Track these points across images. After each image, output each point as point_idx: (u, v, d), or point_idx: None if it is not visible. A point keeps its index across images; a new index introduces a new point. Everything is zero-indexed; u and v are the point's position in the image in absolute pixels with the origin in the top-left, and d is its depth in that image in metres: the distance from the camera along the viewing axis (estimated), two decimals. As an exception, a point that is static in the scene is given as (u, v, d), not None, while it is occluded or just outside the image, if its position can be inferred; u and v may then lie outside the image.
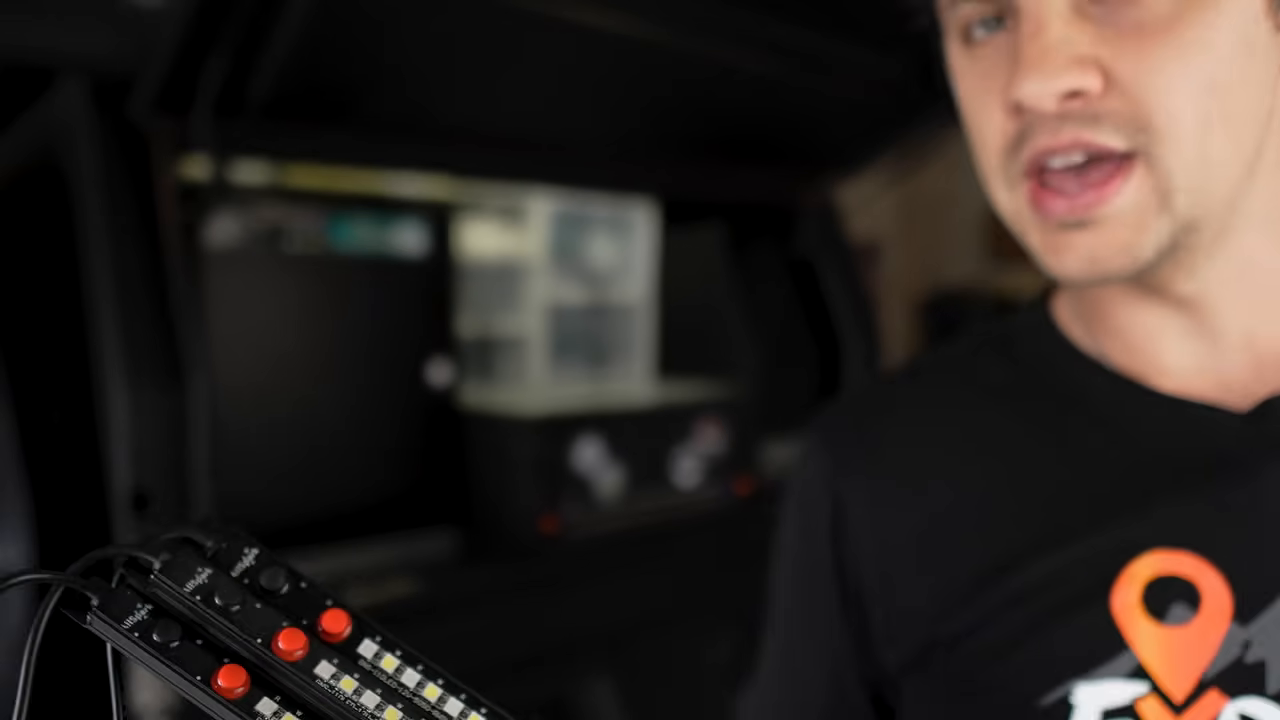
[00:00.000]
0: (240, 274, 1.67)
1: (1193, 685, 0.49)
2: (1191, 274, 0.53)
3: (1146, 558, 0.51)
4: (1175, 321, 0.55)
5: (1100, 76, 0.47)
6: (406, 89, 1.66)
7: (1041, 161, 0.49)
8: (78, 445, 1.53)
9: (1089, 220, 0.49)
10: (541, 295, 2.26)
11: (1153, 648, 0.50)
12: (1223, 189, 0.49)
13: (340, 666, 0.40)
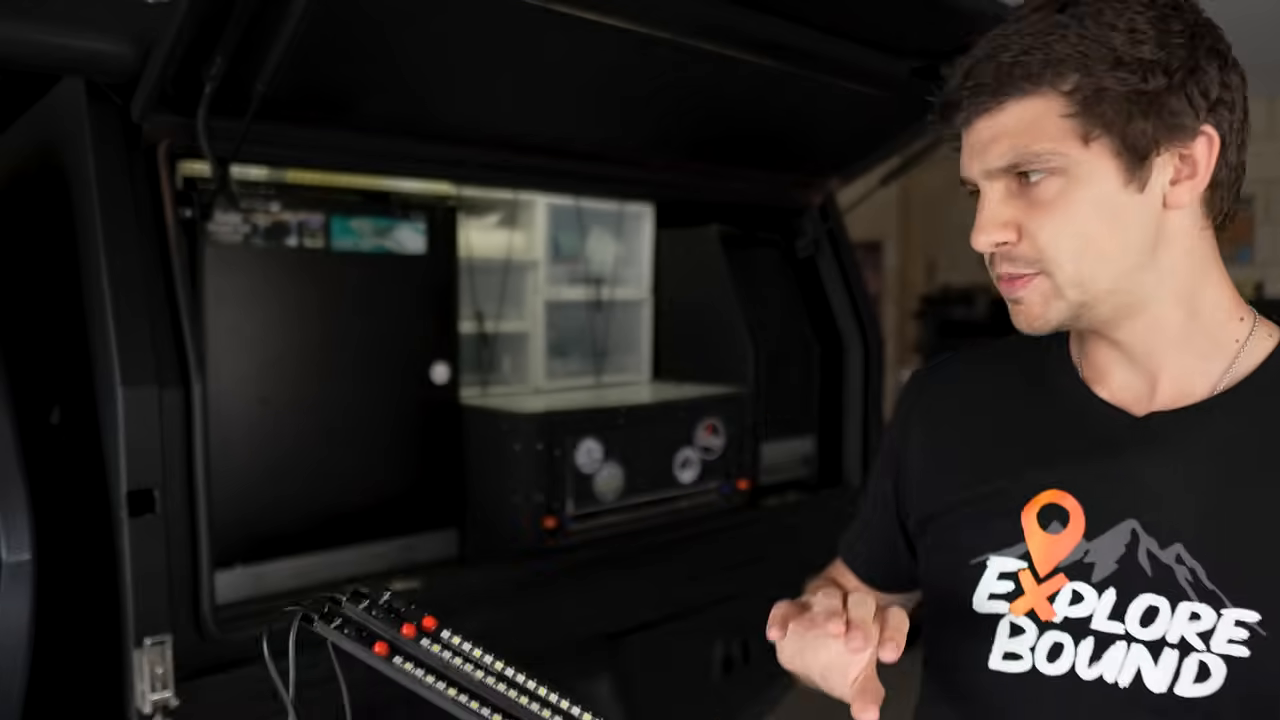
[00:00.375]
0: (240, 272, 1.67)
1: (1051, 568, 0.84)
2: (1119, 328, 0.84)
3: (1046, 493, 0.86)
4: (1115, 355, 0.86)
5: (1016, 232, 0.81)
6: (406, 90, 1.66)
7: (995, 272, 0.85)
8: (78, 444, 1.53)
9: (1017, 300, 0.85)
10: (542, 293, 2.26)
11: (1036, 544, 0.85)
12: (1100, 287, 0.80)
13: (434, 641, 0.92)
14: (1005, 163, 0.80)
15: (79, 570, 1.51)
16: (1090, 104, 0.76)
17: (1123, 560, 0.81)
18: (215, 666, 1.49)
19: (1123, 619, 0.80)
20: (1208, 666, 0.77)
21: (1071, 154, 0.77)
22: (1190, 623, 0.78)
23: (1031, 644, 0.84)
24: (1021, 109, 0.78)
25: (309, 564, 1.77)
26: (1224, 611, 0.77)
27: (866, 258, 5.48)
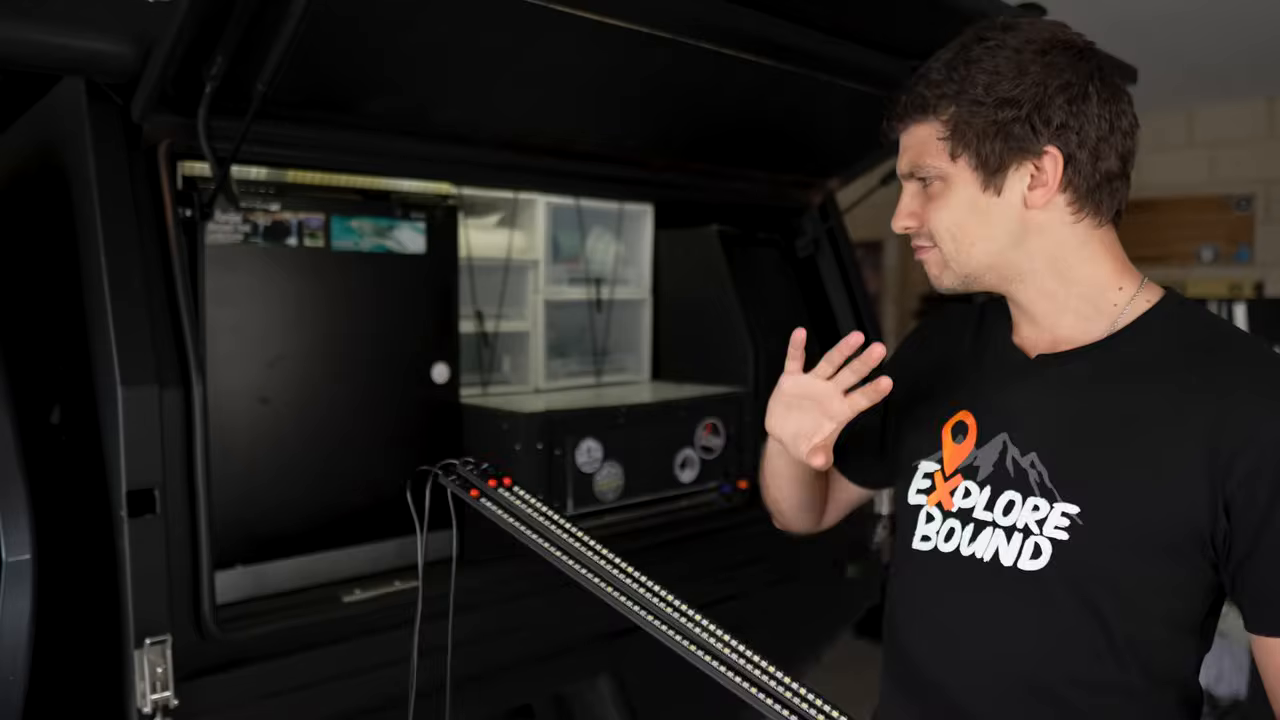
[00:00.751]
0: (240, 272, 1.67)
1: (953, 469, 1.10)
2: (1013, 293, 1.09)
3: (958, 413, 1.12)
4: (1020, 314, 1.11)
5: (919, 220, 1.09)
6: (406, 91, 1.66)
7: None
8: (78, 444, 1.53)
9: (924, 262, 1.12)
10: (542, 293, 2.27)
11: (947, 451, 1.12)
12: (975, 263, 1.07)
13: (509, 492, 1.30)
14: (907, 170, 1.10)
15: (79, 570, 1.51)
16: (956, 130, 1.03)
17: (996, 464, 1.07)
18: (215, 666, 1.49)
19: (992, 509, 1.05)
20: (1040, 547, 1.01)
21: (944, 166, 1.05)
22: (1033, 513, 1.02)
23: (938, 529, 1.10)
24: (917, 131, 1.08)
25: (309, 564, 1.77)
26: (1055, 505, 1.00)
27: (866, 258, 5.48)
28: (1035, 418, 1.05)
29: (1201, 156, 4.47)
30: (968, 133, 1.02)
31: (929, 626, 1.10)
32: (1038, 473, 1.02)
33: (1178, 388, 0.97)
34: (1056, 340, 1.07)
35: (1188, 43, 3.35)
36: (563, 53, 1.62)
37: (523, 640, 1.89)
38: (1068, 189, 1.03)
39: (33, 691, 1.35)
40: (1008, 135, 1.01)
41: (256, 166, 1.69)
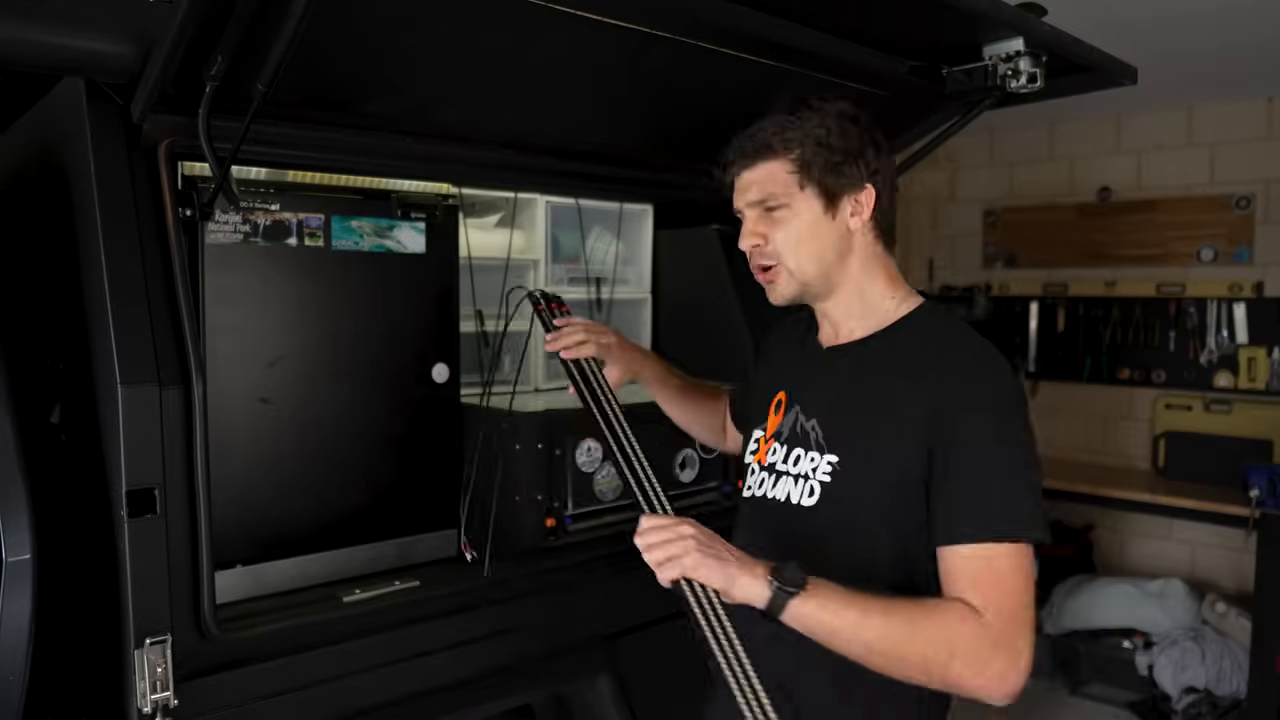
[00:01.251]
0: (241, 271, 1.67)
1: (769, 434, 1.45)
2: (826, 303, 1.41)
3: (779, 393, 1.46)
4: (824, 318, 1.44)
5: (763, 240, 1.37)
6: (406, 90, 1.66)
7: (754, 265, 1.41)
8: (78, 444, 1.53)
9: (769, 282, 1.40)
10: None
11: (770, 421, 1.46)
12: (812, 277, 1.36)
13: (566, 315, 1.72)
14: (756, 199, 1.37)
15: (79, 570, 1.51)
16: (804, 166, 1.34)
17: (791, 429, 1.41)
18: (215, 666, 1.49)
19: (787, 462, 1.39)
20: (814, 488, 1.34)
21: (793, 195, 1.35)
22: (810, 463, 1.35)
23: (756, 479, 1.45)
24: (765, 168, 1.37)
25: (309, 564, 1.77)
26: (824, 456, 1.34)
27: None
28: (817, 393, 1.40)
29: (1201, 156, 4.47)
30: (813, 169, 1.33)
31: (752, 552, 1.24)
32: (815, 434, 1.36)
33: (909, 372, 1.29)
34: (840, 335, 1.41)
35: (1188, 43, 3.34)
36: (563, 53, 1.62)
37: (523, 640, 1.89)
38: (874, 218, 1.36)
39: (33, 691, 1.35)
40: (841, 173, 1.33)
41: (256, 166, 1.69)
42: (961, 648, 1.13)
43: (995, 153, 5.17)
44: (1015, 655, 1.14)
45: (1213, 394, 4.44)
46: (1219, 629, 4.01)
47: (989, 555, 1.17)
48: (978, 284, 5.23)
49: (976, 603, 1.16)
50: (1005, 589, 1.16)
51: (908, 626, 1.14)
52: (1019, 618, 1.16)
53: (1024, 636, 1.15)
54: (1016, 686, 1.14)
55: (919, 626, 1.15)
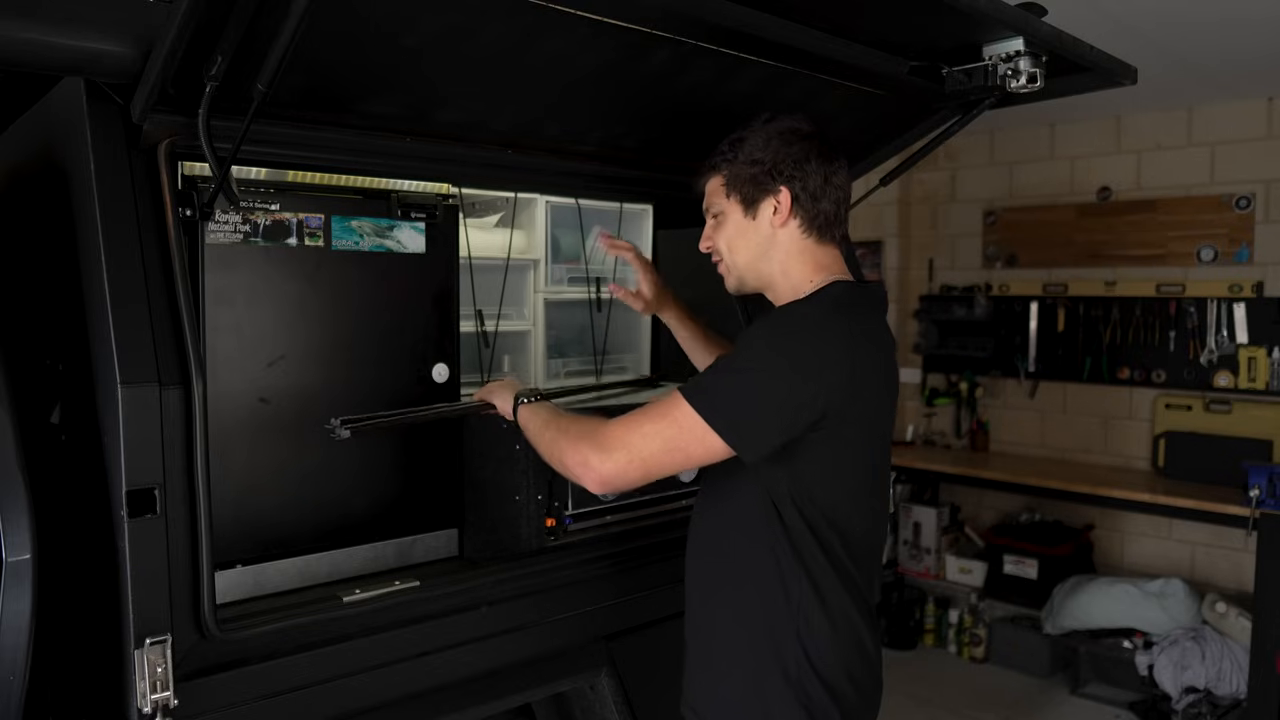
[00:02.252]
0: (241, 271, 1.67)
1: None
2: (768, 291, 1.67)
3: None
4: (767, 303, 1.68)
5: (713, 242, 1.71)
6: (406, 90, 1.66)
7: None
8: (78, 444, 1.53)
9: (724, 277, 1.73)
10: (542, 293, 2.26)
11: None
12: (743, 270, 1.67)
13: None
14: (706, 207, 1.70)
15: (79, 570, 1.51)
16: (729, 180, 1.64)
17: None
18: (215, 666, 1.49)
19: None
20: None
21: (724, 204, 1.66)
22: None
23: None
24: (711, 182, 1.68)
25: (309, 564, 1.77)
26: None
27: (866, 258, 5.48)
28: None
29: (1201, 156, 4.47)
30: (735, 180, 1.62)
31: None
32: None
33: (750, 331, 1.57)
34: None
35: (1188, 43, 3.34)
36: (562, 53, 1.62)
37: (523, 640, 1.89)
38: (799, 216, 1.60)
39: (33, 691, 1.35)
40: (755, 181, 1.60)
41: (256, 166, 1.69)
42: (572, 434, 1.51)
43: (995, 153, 5.17)
44: (605, 453, 1.45)
45: (1213, 394, 4.44)
46: (1219, 629, 4.01)
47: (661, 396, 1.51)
48: (978, 284, 5.23)
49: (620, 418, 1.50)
50: (644, 416, 1.48)
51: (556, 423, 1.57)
52: (630, 437, 1.46)
53: (625, 452, 1.45)
54: (599, 475, 1.46)
55: (563, 423, 1.56)
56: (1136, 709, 4.12)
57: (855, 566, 1.55)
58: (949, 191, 5.38)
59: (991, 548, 4.88)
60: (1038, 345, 5.00)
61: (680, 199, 2.41)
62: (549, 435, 1.56)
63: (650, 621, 2.08)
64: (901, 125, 2.20)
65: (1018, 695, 4.36)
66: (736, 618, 1.56)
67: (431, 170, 1.91)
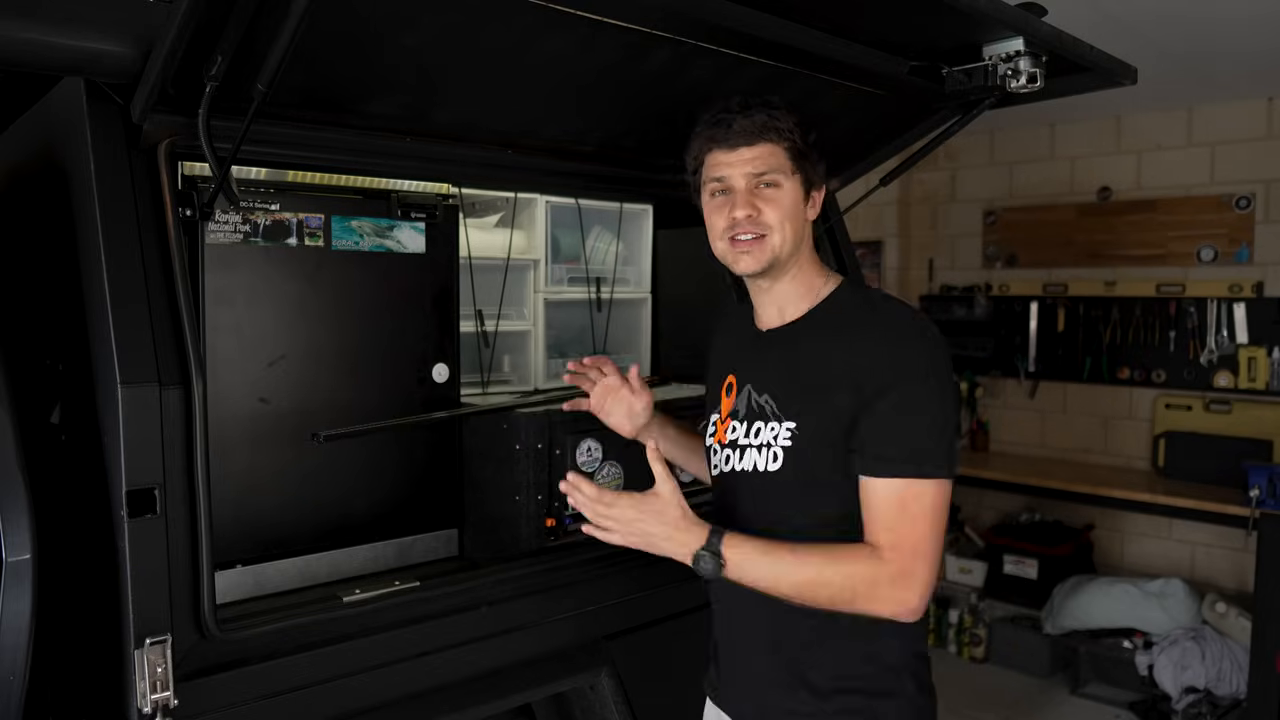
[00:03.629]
0: (241, 271, 1.67)
1: (725, 414, 1.63)
2: (779, 281, 1.57)
3: (728, 375, 1.65)
4: (765, 299, 1.61)
5: (757, 211, 1.52)
6: (406, 90, 1.66)
7: (735, 235, 1.54)
8: (78, 444, 1.53)
9: (749, 252, 1.53)
10: (542, 293, 2.26)
11: (723, 404, 1.65)
12: (787, 253, 1.53)
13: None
14: (761, 169, 1.52)
15: (79, 570, 1.51)
16: (796, 155, 1.53)
17: (746, 405, 1.57)
18: (215, 666, 1.49)
19: (749, 436, 1.55)
20: (777, 454, 1.50)
21: (787, 177, 1.53)
22: (770, 433, 1.51)
23: (720, 458, 1.61)
24: (766, 147, 1.52)
25: (309, 564, 1.77)
26: (783, 424, 1.50)
27: (866, 258, 5.48)
28: (765, 371, 1.56)
29: (1201, 156, 4.47)
30: (803, 160, 1.53)
31: (727, 523, 1.48)
32: (770, 406, 1.53)
33: (840, 338, 1.49)
34: (779, 316, 1.58)
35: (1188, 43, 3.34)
36: (562, 53, 1.62)
37: (523, 640, 1.89)
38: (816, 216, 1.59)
39: (33, 691, 1.35)
40: (814, 170, 1.56)
41: (256, 166, 1.69)
42: (862, 589, 1.37)
43: (995, 153, 5.17)
44: (914, 583, 1.36)
45: (1213, 394, 4.44)
46: (1219, 629, 4.01)
47: (902, 492, 1.38)
48: (978, 284, 5.23)
49: (882, 539, 1.38)
50: (912, 528, 1.37)
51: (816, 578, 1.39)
52: (920, 550, 1.37)
53: (924, 565, 1.37)
54: (919, 606, 1.38)
55: (825, 578, 1.38)
56: (1136, 709, 4.12)
57: None
58: (949, 191, 5.38)
59: (991, 548, 4.88)
60: (1038, 345, 5.00)
61: (680, 199, 2.41)
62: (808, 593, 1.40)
63: (650, 621, 2.08)
64: (901, 125, 2.20)
65: (1018, 695, 4.36)
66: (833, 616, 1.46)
67: (431, 170, 1.91)
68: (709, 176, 1.56)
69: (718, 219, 1.55)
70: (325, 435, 1.73)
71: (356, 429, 1.78)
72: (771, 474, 1.50)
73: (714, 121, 1.54)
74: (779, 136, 1.51)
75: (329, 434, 1.74)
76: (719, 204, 1.55)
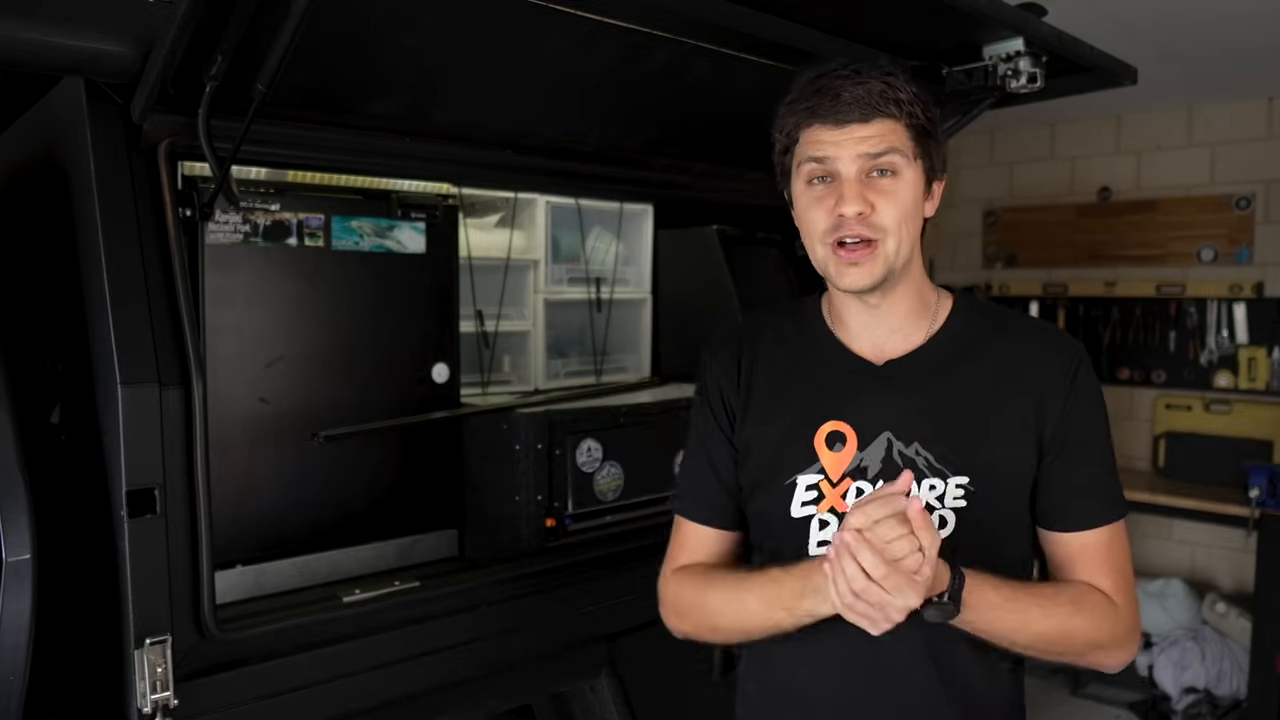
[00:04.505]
0: (241, 271, 1.67)
1: (839, 475, 1.20)
2: (890, 294, 1.21)
3: (827, 424, 1.21)
4: (866, 318, 1.24)
5: (870, 208, 1.14)
6: (406, 90, 1.66)
7: (841, 239, 1.16)
8: (78, 444, 1.53)
9: (860, 263, 1.16)
10: (542, 293, 2.26)
11: (827, 461, 1.21)
12: (902, 261, 1.18)
13: None
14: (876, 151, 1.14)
15: (79, 570, 1.51)
16: (920, 136, 1.17)
17: (884, 460, 1.20)
18: (215, 666, 1.49)
19: None
20: (944, 518, 1.18)
21: (908, 164, 1.16)
22: (930, 491, 1.18)
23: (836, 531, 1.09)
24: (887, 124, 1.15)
25: (309, 564, 1.77)
26: (949, 480, 1.18)
27: (866, 258, 5.48)
28: (907, 413, 1.20)
29: (1201, 156, 4.47)
30: (928, 142, 1.18)
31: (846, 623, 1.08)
32: (924, 458, 1.19)
33: (1000, 370, 1.22)
34: (894, 342, 1.24)
35: (1188, 43, 3.34)
36: (562, 53, 1.62)
37: (523, 640, 1.89)
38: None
39: (33, 691, 1.35)
40: (938, 154, 1.21)
41: (256, 166, 1.69)
42: (1105, 641, 1.19)
43: (995, 153, 5.17)
44: (1137, 634, 1.22)
45: (1213, 394, 4.44)
46: (1219, 629, 4.01)
47: (1111, 538, 1.21)
48: (978, 284, 5.23)
49: (1107, 585, 1.19)
50: (1125, 570, 1.22)
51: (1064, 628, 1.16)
52: (1134, 596, 1.22)
53: (1137, 613, 1.22)
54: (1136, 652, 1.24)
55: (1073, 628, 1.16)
56: (1136, 709, 4.12)
57: None
58: (949, 191, 5.38)
59: (991, 548, 4.87)
60: (1038, 345, 5.00)
61: (680, 199, 2.42)
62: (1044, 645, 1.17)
63: (650, 621, 2.07)
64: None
65: (1018, 695, 4.36)
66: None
67: (431, 170, 1.91)
68: (806, 156, 1.18)
69: (817, 214, 1.17)
70: (325, 435, 1.73)
71: (356, 429, 1.78)
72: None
73: (816, 89, 1.17)
74: (900, 111, 1.15)
75: (329, 434, 1.74)
76: (819, 194, 1.18)
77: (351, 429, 1.77)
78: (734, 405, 1.30)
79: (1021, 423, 1.18)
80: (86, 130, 1.43)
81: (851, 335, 1.26)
